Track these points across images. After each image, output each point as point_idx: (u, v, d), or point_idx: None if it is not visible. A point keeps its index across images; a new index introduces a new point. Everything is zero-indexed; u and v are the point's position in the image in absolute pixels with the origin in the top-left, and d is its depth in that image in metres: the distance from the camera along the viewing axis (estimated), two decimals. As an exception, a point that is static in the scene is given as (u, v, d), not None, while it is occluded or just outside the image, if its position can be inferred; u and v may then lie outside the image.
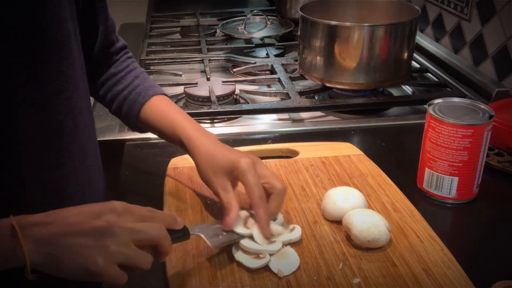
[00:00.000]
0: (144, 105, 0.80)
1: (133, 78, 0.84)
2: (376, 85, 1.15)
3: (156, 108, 0.81)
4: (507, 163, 0.89)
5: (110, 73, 0.83)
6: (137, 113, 0.81)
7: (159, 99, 0.82)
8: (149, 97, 0.81)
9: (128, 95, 0.82)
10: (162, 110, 0.80)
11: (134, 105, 0.81)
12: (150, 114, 0.80)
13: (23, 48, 0.58)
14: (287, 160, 0.89)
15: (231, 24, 1.65)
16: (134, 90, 0.82)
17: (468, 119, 0.75)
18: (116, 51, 0.85)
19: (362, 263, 0.65)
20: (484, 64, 1.21)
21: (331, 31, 1.12)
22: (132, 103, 0.81)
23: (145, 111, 0.80)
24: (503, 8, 1.13)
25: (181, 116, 0.79)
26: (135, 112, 0.81)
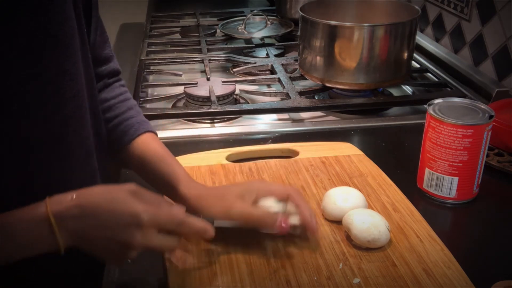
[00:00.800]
0: (135, 139, 0.76)
1: (126, 108, 0.79)
2: (376, 85, 1.15)
3: (147, 145, 0.76)
4: (507, 163, 0.89)
5: (101, 98, 0.78)
6: (125, 145, 0.76)
7: (151, 137, 0.78)
8: (141, 132, 0.77)
9: (119, 125, 0.77)
10: (155, 149, 0.75)
11: (123, 137, 0.76)
12: (141, 150, 0.76)
13: (28, 46, 0.58)
14: (287, 160, 0.89)
15: (231, 24, 1.65)
16: (126, 121, 0.77)
17: (468, 119, 0.75)
18: (108, 74, 0.81)
19: (362, 263, 0.65)
20: (484, 64, 1.21)
21: (331, 31, 1.12)
22: (122, 134, 0.77)
23: (136, 145, 0.76)
24: (503, 8, 1.13)
25: (176, 162, 0.75)
26: (123, 143, 0.76)
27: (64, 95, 0.64)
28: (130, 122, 0.78)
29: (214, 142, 1.00)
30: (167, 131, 1.05)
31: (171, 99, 1.19)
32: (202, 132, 1.05)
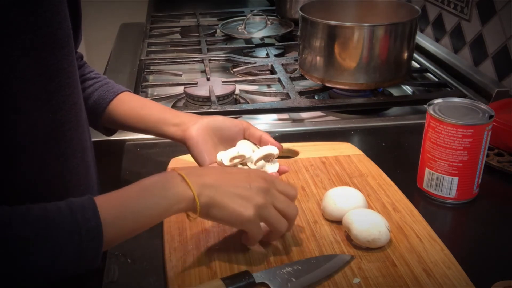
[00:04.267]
0: (114, 99, 0.82)
1: (101, 79, 0.85)
2: (376, 85, 1.15)
3: (129, 100, 0.83)
4: (507, 163, 0.89)
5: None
6: (104, 109, 0.82)
7: (129, 94, 0.84)
8: (119, 92, 0.83)
9: (94, 91, 0.82)
10: (138, 101, 0.83)
11: (100, 103, 0.82)
12: (123, 106, 0.82)
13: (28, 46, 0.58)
14: (287, 160, 0.89)
15: (231, 24, 1.65)
16: (101, 87, 0.83)
17: (468, 119, 0.75)
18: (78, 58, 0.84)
19: (362, 263, 0.65)
20: (484, 64, 1.21)
21: (331, 31, 1.12)
22: (100, 98, 0.82)
23: (116, 103, 0.82)
24: (503, 8, 1.13)
25: (156, 105, 0.83)
26: (102, 108, 0.82)
27: (62, 93, 0.64)
28: (106, 88, 0.84)
29: (214, 142, 0.99)
30: (167, 131, 1.05)
31: (171, 99, 1.19)
32: (202, 132, 1.05)
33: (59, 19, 0.62)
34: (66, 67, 0.64)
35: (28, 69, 0.59)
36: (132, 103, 0.83)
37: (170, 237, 0.70)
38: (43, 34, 0.60)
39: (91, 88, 0.84)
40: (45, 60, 0.61)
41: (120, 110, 0.83)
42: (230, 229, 0.71)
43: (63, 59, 0.64)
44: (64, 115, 0.65)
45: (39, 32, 0.59)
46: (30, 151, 0.62)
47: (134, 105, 0.83)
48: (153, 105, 0.84)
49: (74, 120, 0.67)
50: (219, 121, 0.79)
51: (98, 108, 0.82)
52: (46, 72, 0.61)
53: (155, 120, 0.81)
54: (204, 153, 0.76)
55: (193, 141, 0.77)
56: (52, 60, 0.62)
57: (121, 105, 0.83)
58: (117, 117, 0.83)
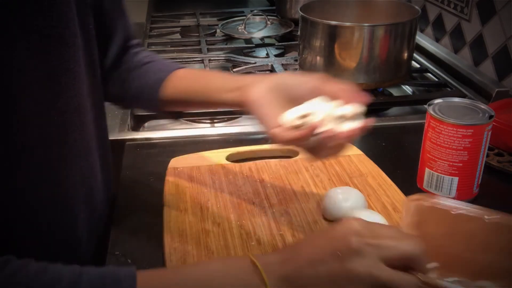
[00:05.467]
0: (169, 75, 0.76)
1: (157, 58, 0.81)
2: (376, 85, 1.15)
3: (185, 76, 0.76)
4: (507, 163, 0.89)
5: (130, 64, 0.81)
6: (159, 86, 0.76)
7: (185, 70, 0.78)
8: (174, 69, 0.77)
9: (149, 69, 0.78)
10: (194, 74, 0.77)
11: (158, 75, 0.77)
12: (179, 82, 0.76)
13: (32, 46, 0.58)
14: (287, 160, 0.89)
15: (231, 24, 1.65)
16: (156, 66, 0.79)
17: (468, 119, 0.75)
18: (136, 44, 0.84)
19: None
20: (484, 64, 1.21)
21: (331, 31, 1.12)
22: (155, 75, 0.77)
23: (173, 80, 0.76)
24: (503, 8, 1.13)
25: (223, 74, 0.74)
26: (158, 85, 0.76)
27: (68, 95, 0.64)
28: (160, 66, 0.79)
29: (214, 142, 1.00)
30: (167, 131, 1.05)
31: (171, 99, 1.19)
32: (202, 132, 1.05)
33: (66, 19, 0.62)
34: (72, 67, 0.64)
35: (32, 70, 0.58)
36: (188, 77, 0.77)
37: (170, 237, 0.70)
38: (48, 34, 0.60)
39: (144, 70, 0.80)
40: (51, 61, 0.61)
41: (177, 87, 0.76)
42: (230, 229, 0.71)
43: (69, 59, 0.63)
44: (68, 117, 0.65)
45: (44, 33, 0.59)
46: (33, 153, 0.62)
47: (190, 79, 0.76)
48: (211, 75, 0.78)
49: (78, 121, 0.67)
50: (285, 78, 0.67)
51: (153, 93, 0.77)
52: (52, 73, 0.61)
53: (214, 89, 0.72)
54: (268, 117, 0.64)
55: (254, 104, 0.66)
56: (57, 61, 0.62)
57: (178, 81, 0.77)
58: (175, 95, 0.77)
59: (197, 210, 0.76)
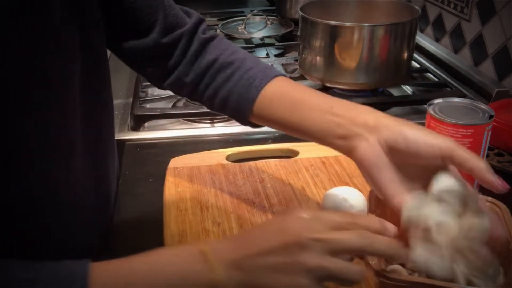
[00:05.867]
0: (262, 90, 0.64)
1: (240, 60, 0.67)
2: (376, 85, 1.15)
3: (280, 91, 0.63)
4: (507, 163, 0.89)
5: (206, 63, 0.68)
6: (253, 101, 0.64)
7: (282, 80, 0.65)
8: (269, 79, 0.64)
9: (238, 82, 0.65)
10: (289, 93, 0.63)
11: (248, 92, 0.64)
12: (273, 99, 0.63)
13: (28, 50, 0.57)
14: (287, 160, 0.89)
15: (231, 24, 1.65)
16: (246, 74, 0.65)
17: (468, 119, 0.75)
18: (192, 30, 0.69)
19: (362, 263, 0.65)
20: (484, 64, 1.21)
21: (331, 31, 1.12)
22: (245, 90, 0.64)
23: (265, 96, 0.63)
24: (503, 8, 1.13)
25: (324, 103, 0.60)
26: (251, 99, 0.64)
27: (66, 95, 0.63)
28: (252, 73, 0.65)
29: (214, 142, 1.00)
30: (167, 131, 1.05)
31: (171, 99, 1.19)
32: (202, 132, 1.05)
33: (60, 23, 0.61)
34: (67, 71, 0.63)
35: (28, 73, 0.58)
36: (282, 101, 0.63)
37: (170, 237, 0.70)
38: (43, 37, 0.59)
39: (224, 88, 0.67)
40: (45, 64, 0.59)
41: (270, 113, 0.64)
42: (230, 229, 0.71)
43: (63, 62, 0.62)
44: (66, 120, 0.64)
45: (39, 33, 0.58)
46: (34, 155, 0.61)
47: (284, 105, 0.63)
48: (308, 103, 0.61)
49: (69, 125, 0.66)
50: (407, 133, 0.54)
51: (241, 112, 0.66)
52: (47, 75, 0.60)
53: (314, 130, 0.60)
54: (386, 183, 0.54)
55: (366, 164, 0.56)
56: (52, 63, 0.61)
57: (269, 107, 0.64)
58: (268, 120, 0.65)
59: (197, 210, 0.76)
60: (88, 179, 0.69)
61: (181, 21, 0.70)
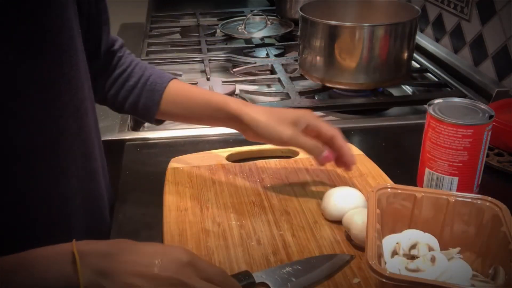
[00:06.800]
0: (164, 91, 0.80)
1: (143, 70, 0.83)
2: (376, 85, 1.15)
3: (178, 90, 0.81)
4: (507, 163, 0.89)
5: (118, 71, 0.83)
6: (158, 102, 0.80)
7: (177, 82, 0.82)
8: (166, 83, 0.81)
9: (144, 86, 0.81)
10: (187, 90, 0.81)
11: (153, 95, 0.80)
12: (174, 97, 0.80)
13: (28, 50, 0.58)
14: (287, 160, 0.89)
15: (231, 24, 1.65)
16: (148, 80, 0.81)
17: (468, 119, 0.75)
18: (118, 49, 0.84)
19: (362, 263, 0.65)
20: (484, 64, 1.21)
21: (331, 31, 1.12)
22: (151, 93, 0.80)
23: (167, 96, 0.80)
24: (503, 8, 1.13)
25: (211, 91, 0.81)
26: (155, 101, 0.80)
27: (63, 99, 0.63)
28: (152, 79, 0.81)
29: (214, 142, 1.00)
30: (167, 131, 1.05)
31: (171, 99, 1.19)
32: (202, 132, 1.05)
33: (60, 23, 0.61)
34: (67, 71, 0.63)
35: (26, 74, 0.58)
36: (184, 92, 0.82)
37: (170, 237, 0.70)
38: (42, 38, 0.59)
39: (137, 89, 0.82)
40: (45, 65, 0.60)
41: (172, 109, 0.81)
42: (230, 229, 0.71)
43: (64, 63, 0.62)
44: (64, 121, 0.64)
45: (38, 37, 0.58)
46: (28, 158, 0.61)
47: (186, 94, 0.81)
48: (208, 91, 0.83)
49: (75, 126, 0.66)
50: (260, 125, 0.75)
51: (151, 104, 0.81)
52: (46, 78, 0.60)
53: (216, 103, 0.78)
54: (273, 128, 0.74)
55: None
56: (52, 65, 0.61)
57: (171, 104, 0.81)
58: (174, 110, 0.82)
59: (197, 210, 0.76)
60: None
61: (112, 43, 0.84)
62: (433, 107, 0.78)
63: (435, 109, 0.78)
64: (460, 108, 0.78)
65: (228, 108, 0.76)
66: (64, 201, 0.66)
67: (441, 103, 0.79)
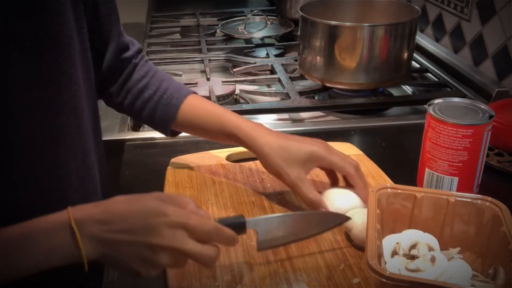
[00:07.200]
0: (180, 107, 0.79)
1: (160, 81, 0.82)
2: (376, 85, 1.15)
3: (194, 107, 0.80)
4: (507, 163, 0.89)
5: (134, 80, 0.81)
6: (174, 116, 0.79)
7: (194, 98, 0.81)
8: (183, 98, 0.80)
9: (160, 99, 0.80)
10: (202, 108, 0.79)
11: (169, 109, 0.79)
12: (190, 114, 0.79)
13: (25, 48, 0.58)
14: (287, 160, 0.89)
15: (231, 24, 1.66)
16: (165, 94, 0.80)
17: (468, 119, 0.75)
18: (134, 55, 0.83)
19: (362, 263, 0.65)
20: (484, 64, 1.21)
21: (331, 31, 1.12)
22: (167, 107, 0.79)
23: (183, 112, 0.79)
24: (503, 8, 1.13)
25: (227, 112, 0.78)
26: (172, 115, 0.79)
27: (62, 96, 0.64)
28: (169, 93, 0.80)
29: (214, 142, 0.99)
30: (167, 131, 1.05)
31: (171, 99, 1.19)
32: (202, 132, 1.05)
33: (60, 22, 0.62)
34: (67, 69, 0.64)
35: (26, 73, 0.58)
36: (200, 111, 0.80)
37: (170, 237, 0.70)
38: (42, 37, 0.59)
39: (153, 101, 0.81)
40: (45, 63, 0.60)
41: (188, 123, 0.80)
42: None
43: (64, 61, 0.63)
44: (64, 119, 0.64)
45: (38, 35, 0.59)
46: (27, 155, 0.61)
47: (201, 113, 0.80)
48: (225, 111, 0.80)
49: (74, 123, 0.67)
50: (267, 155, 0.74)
51: (167, 118, 0.80)
52: (46, 76, 0.61)
53: (229, 128, 0.77)
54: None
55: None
56: (52, 64, 0.61)
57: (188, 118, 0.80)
58: (189, 126, 0.81)
59: (197, 210, 0.76)
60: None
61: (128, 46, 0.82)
62: (433, 107, 0.78)
63: (435, 109, 0.78)
64: (460, 108, 0.78)
65: (239, 135, 0.75)
66: (64, 198, 0.66)
67: (441, 103, 0.79)
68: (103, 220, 0.53)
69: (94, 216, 0.54)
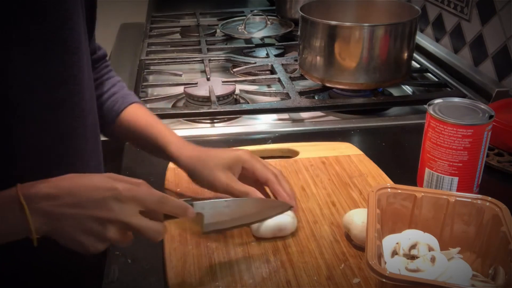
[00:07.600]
0: (121, 113, 0.80)
1: (110, 86, 0.83)
2: (376, 85, 1.15)
3: (133, 116, 0.81)
4: (507, 163, 0.89)
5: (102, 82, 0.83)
6: (114, 120, 0.80)
7: (136, 107, 0.82)
8: (126, 105, 0.81)
9: (105, 102, 0.81)
10: (140, 118, 0.80)
11: (110, 113, 0.80)
12: (128, 122, 0.80)
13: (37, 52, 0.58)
14: (287, 160, 0.89)
15: (231, 24, 1.65)
16: (110, 98, 0.82)
17: (468, 119, 0.75)
18: (97, 59, 0.84)
19: (362, 263, 0.65)
20: (484, 64, 1.21)
21: (331, 31, 1.12)
22: (109, 111, 0.81)
23: (122, 118, 0.80)
24: (503, 8, 1.13)
25: (161, 125, 0.79)
26: (112, 119, 0.80)
27: (71, 100, 0.64)
28: (114, 98, 0.82)
29: (214, 142, 1.00)
30: (167, 131, 1.05)
31: (171, 99, 1.19)
32: (202, 132, 1.05)
33: (70, 25, 0.62)
34: (76, 73, 0.64)
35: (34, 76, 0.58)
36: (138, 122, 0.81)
37: (170, 237, 0.70)
38: (52, 40, 0.59)
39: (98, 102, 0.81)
40: (54, 67, 0.60)
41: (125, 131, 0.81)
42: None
43: (73, 65, 0.63)
44: (71, 122, 0.65)
45: (49, 39, 0.59)
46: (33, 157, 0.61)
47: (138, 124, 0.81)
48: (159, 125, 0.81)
49: (81, 126, 0.67)
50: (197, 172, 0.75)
51: (107, 120, 0.81)
52: (55, 79, 0.61)
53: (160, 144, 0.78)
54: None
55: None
56: (61, 67, 0.61)
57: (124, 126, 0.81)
58: (125, 134, 0.82)
59: (197, 210, 0.76)
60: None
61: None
62: (433, 107, 0.78)
63: (435, 109, 0.78)
64: (460, 108, 0.78)
65: (168, 151, 0.76)
66: None
67: (441, 103, 0.79)
68: (51, 195, 0.54)
69: (42, 191, 0.54)
